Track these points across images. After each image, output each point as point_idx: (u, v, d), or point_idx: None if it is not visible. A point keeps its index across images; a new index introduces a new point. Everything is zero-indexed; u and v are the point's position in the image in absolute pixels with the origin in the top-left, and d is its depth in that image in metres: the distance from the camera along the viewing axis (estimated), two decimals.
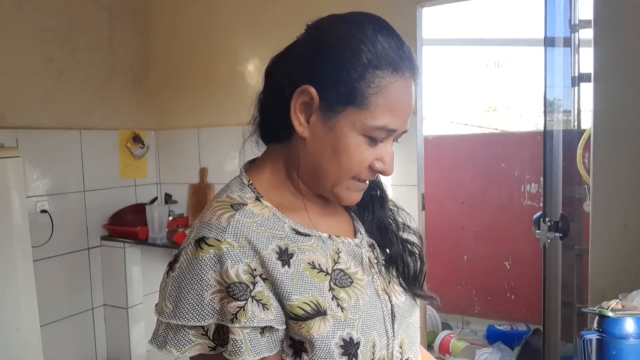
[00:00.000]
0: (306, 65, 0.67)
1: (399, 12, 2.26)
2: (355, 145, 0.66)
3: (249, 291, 0.61)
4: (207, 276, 0.61)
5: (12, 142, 2.31)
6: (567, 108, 2.08)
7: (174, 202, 2.96)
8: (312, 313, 0.64)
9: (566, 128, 2.04)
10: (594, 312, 1.00)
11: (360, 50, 0.64)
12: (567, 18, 2.01)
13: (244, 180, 0.73)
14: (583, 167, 1.97)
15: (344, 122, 0.66)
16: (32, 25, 2.45)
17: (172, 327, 0.63)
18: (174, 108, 3.08)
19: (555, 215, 1.80)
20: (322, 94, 0.65)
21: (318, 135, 0.67)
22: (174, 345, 0.62)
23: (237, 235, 0.64)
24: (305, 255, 0.67)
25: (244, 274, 0.62)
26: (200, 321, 0.61)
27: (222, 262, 0.61)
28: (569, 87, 2.09)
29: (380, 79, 0.65)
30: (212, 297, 0.61)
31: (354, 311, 0.67)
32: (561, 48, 2.00)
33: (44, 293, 2.25)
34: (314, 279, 0.66)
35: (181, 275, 0.63)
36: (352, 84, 0.64)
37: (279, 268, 0.64)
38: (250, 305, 0.61)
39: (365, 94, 0.64)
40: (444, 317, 3.34)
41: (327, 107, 0.66)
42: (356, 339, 0.66)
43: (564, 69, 2.04)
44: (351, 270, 0.71)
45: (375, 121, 0.65)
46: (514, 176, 3.28)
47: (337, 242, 0.72)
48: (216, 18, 2.87)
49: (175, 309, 0.62)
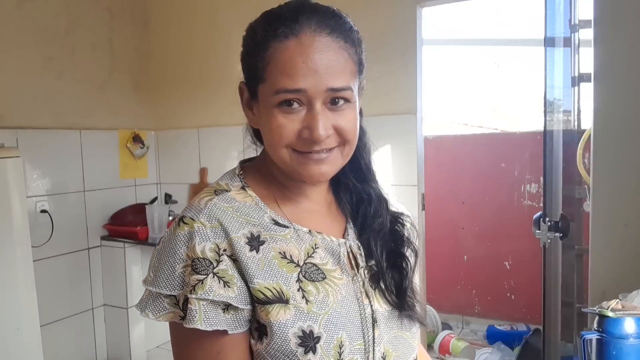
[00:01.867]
0: (242, 63, 0.75)
1: (399, 12, 2.26)
2: (271, 118, 0.69)
3: (211, 267, 0.66)
4: (180, 250, 0.67)
5: (12, 142, 2.32)
6: (567, 108, 2.08)
7: (174, 202, 2.96)
8: (273, 299, 0.67)
9: (566, 128, 2.04)
10: (594, 312, 1.00)
11: (254, 34, 0.71)
12: (567, 18, 2.01)
13: (235, 171, 0.78)
14: (583, 167, 1.97)
15: (261, 101, 0.71)
16: (32, 25, 2.45)
17: (152, 295, 0.69)
18: (173, 108, 3.08)
19: (555, 215, 1.80)
20: (248, 85, 0.73)
21: (259, 122, 0.73)
22: (152, 310, 0.68)
23: (210, 217, 0.68)
24: (277, 245, 0.70)
25: (209, 252, 0.66)
26: (171, 291, 0.67)
27: (192, 239, 0.67)
28: (569, 87, 2.09)
29: (265, 50, 0.69)
30: (182, 270, 0.66)
31: (320, 306, 0.69)
32: (561, 48, 2.00)
33: (44, 293, 2.25)
34: (282, 267, 0.69)
35: (161, 248, 0.70)
36: (252, 65, 0.71)
37: (246, 252, 0.68)
38: (209, 280, 0.65)
39: (261, 68, 0.69)
40: (444, 317, 3.34)
41: (252, 94, 0.73)
42: (317, 333, 0.67)
43: (564, 69, 2.04)
44: (327, 267, 0.73)
45: (272, 88, 0.68)
46: (514, 176, 3.28)
47: (316, 238, 0.74)
48: (216, 18, 2.87)
49: (154, 278, 0.68)
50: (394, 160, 2.35)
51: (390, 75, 2.28)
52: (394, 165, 2.35)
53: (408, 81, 2.27)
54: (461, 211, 3.40)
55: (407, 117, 2.29)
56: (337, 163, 0.73)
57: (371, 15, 2.33)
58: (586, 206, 1.89)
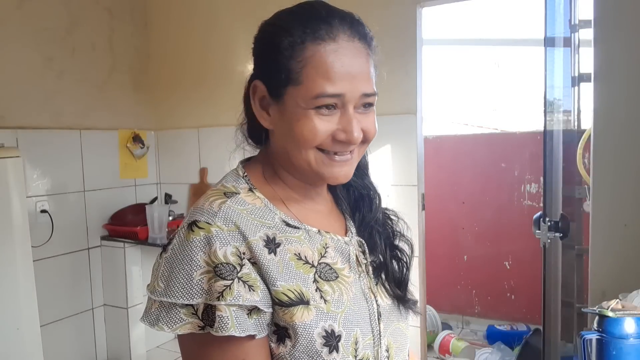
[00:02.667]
0: (254, 64, 0.74)
1: (399, 12, 2.26)
2: (304, 120, 0.68)
3: (235, 272, 0.64)
4: (197, 257, 0.64)
5: (12, 142, 2.32)
6: (567, 108, 2.08)
7: (174, 202, 2.96)
8: (296, 301, 0.66)
9: (566, 128, 2.04)
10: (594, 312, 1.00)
11: (285, 33, 0.68)
12: (567, 18, 2.01)
13: (239, 173, 0.77)
14: (583, 167, 1.97)
15: (289, 103, 0.69)
16: (32, 25, 2.45)
17: (164, 306, 0.65)
18: (173, 108, 3.08)
19: (555, 215, 1.80)
20: (268, 85, 0.71)
21: (279, 123, 0.72)
22: (166, 322, 0.64)
23: (227, 220, 0.67)
24: (292, 246, 0.70)
25: (231, 256, 0.64)
26: (189, 300, 0.64)
27: (210, 244, 0.64)
28: (569, 87, 2.09)
29: (306, 50, 0.67)
30: (200, 277, 0.64)
31: (337, 305, 0.70)
32: (561, 48, 2.00)
33: (44, 293, 2.25)
34: (299, 269, 0.69)
35: (173, 256, 0.66)
36: (284, 66, 0.68)
37: (265, 255, 0.67)
38: (236, 285, 0.63)
39: (296, 70, 0.68)
40: (444, 317, 3.34)
41: (275, 95, 0.71)
42: (337, 332, 0.68)
43: (564, 69, 2.04)
44: (338, 266, 0.74)
45: (311, 92, 0.67)
46: (514, 176, 3.28)
47: (326, 238, 0.75)
48: (216, 18, 2.87)
49: (166, 288, 0.65)
50: (394, 160, 2.35)
51: (390, 75, 2.28)
52: (394, 165, 2.35)
53: (408, 81, 2.27)
54: (461, 211, 3.40)
55: (407, 117, 2.29)
56: (355, 163, 0.75)
57: (371, 15, 2.32)
58: (586, 206, 1.89)
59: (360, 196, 0.84)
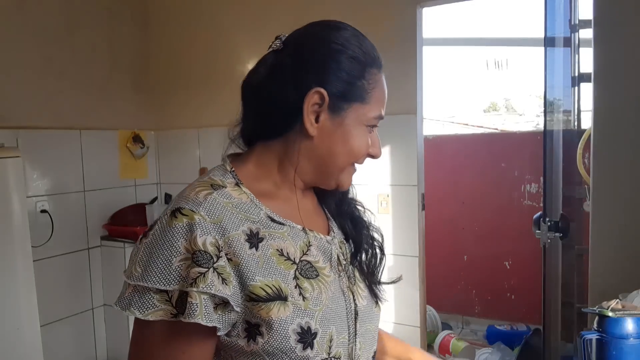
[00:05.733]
0: (313, 71, 0.74)
1: (399, 12, 2.26)
2: (360, 135, 0.76)
3: (212, 262, 0.64)
4: (178, 243, 0.64)
5: (12, 142, 2.31)
6: (567, 108, 2.08)
7: None
8: (273, 296, 0.67)
9: (566, 128, 2.04)
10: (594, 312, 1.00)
11: (358, 54, 0.75)
12: (567, 18, 2.01)
13: (226, 167, 0.78)
14: (583, 167, 1.97)
15: (351, 116, 0.75)
16: (32, 25, 2.45)
17: (138, 290, 0.65)
18: (173, 108, 3.08)
19: (555, 215, 1.80)
20: (331, 95, 0.73)
21: (327, 131, 0.75)
22: (138, 307, 0.64)
23: (211, 211, 0.67)
24: (275, 242, 0.71)
25: (210, 245, 0.65)
26: (166, 285, 0.63)
27: (192, 231, 0.65)
28: (569, 87, 2.09)
29: (374, 75, 0.76)
30: (179, 264, 0.64)
31: (315, 302, 0.71)
32: (561, 48, 2.00)
33: (44, 293, 2.25)
34: (280, 265, 0.70)
35: (153, 241, 0.66)
36: (356, 82, 0.74)
37: (246, 249, 0.68)
38: (210, 274, 0.63)
39: (367, 90, 0.75)
40: (444, 317, 3.35)
41: (335, 105, 0.74)
42: (314, 329, 0.69)
43: (564, 69, 2.04)
44: (319, 265, 0.75)
45: (374, 112, 0.76)
46: (514, 176, 3.28)
47: (310, 236, 0.76)
48: (216, 18, 2.87)
49: (143, 273, 0.64)
50: (394, 160, 2.35)
51: (390, 75, 2.27)
52: (394, 165, 2.35)
53: (408, 81, 2.27)
54: (461, 211, 3.40)
55: (407, 117, 2.29)
56: None
57: (371, 15, 2.33)
58: (586, 206, 1.89)
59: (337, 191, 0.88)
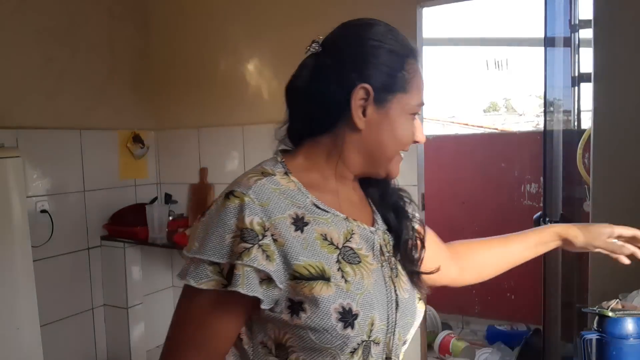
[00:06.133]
0: (355, 68, 0.78)
1: (399, 12, 2.26)
2: (406, 123, 0.81)
3: (257, 239, 0.70)
4: (230, 222, 0.71)
5: (12, 142, 2.31)
6: (567, 108, 2.08)
7: (174, 202, 2.96)
8: (316, 276, 0.72)
9: (566, 128, 2.04)
10: (594, 312, 1.00)
11: (395, 47, 0.80)
12: (567, 18, 2.01)
13: (277, 159, 0.83)
14: (583, 167, 1.97)
15: (395, 106, 0.79)
16: (32, 25, 2.45)
17: (194, 262, 0.72)
18: (174, 108, 3.08)
19: (555, 215, 1.80)
20: (375, 88, 0.78)
21: (374, 123, 0.79)
22: (193, 277, 0.70)
23: (259, 195, 0.73)
24: (319, 227, 0.76)
25: (256, 225, 0.71)
26: (219, 259, 0.70)
27: (242, 211, 0.71)
28: (569, 87, 2.09)
29: (411, 65, 0.80)
30: (231, 240, 0.70)
31: (357, 286, 0.74)
32: (561, 48, 2.00)
33: (44, 293, 2.25)
34: (324, 249, 0.75)
35: (209, 220, 0.73)
36: (397, 74, 0.79)
37: (291, 232, 0.73)
38: (255, 250, 0.69)
39: (407, 80, 0.79)
40: (444, 317, 3.34)
41: (380, 98, 0.78)
42: (355, 310, 0.73)
43: (564, 69, 2.04)
44: (362, 252, 0.79)
45: (416, 100, 0.81)
46: (514, 176, 3.28)
47: (353, 225, 0.80)
48: (216, 18, 2.87)
49: (200, 247, 0.71)
50: None
51: None
52: None
53: None
54: (461, 211, 3.40)
55: None
56: None
57: (371, 15, 2.32)
58: (586, 206, 1.89)
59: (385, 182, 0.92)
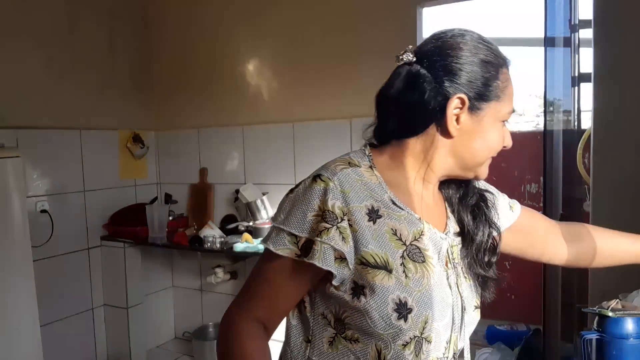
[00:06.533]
0: (452, 78, 0.81)
1: (399, 12, 2.26)
2: (496, 130, 0.85)
3: (336, 221, 0.77)
4: (314, 202, 0.78)
5: (12, 142, 2.32)
6: (567, 108, 2.08)
7: (174, 202, 2.96)
8: (380, 265, 0.77)
9: (566, 128, 2.03)
10: (594, 312, 1.00)
11: (489, 57, 0.83)
12: (567, 18, 2.01)
13: (365, 152, 0.88)
14: (583, 167, 1.96)
15: (489, 114, 0.83)
16: (32, 25, 2.45)
17: (276, 230, 0.80)
18: (173, 108, 3.08)
19: (555, 215, 1.80)
20: (470, 98, 0.81)
21: (467, 130, 0.83)
22: (272, 243, 0.79)
23: (342, 182, 0.80)
24: (391, 222, 0.81)
25: (337, 209, 0.78)
26: (299, 232, 0.78)
27: (326, 194, 0.78)
28: (569, 87, 2.09)
29: (504, 74, 0.84)
30: (312, 218, 0.78)
31: (416, 284, 0.79)
32: (561, 48, 2.00)
33: (44, 293, 2.25)
34: (391, 242, 0.80)
35: (296, 197, 0.81)
36: (491, 84, 0.82)
37: (365, 221, 0.79)
38: (333, 231, 0.77)
39: (500, 89, 0.83)
40: None
41: (474, 106, 0.82)
42: (410, 305, 0.78)
43: (564, 69, 2.04)
44: (428, 253, 0.83)
45: (507, 108, 0.85)
46: (514, 176, 3.27)
47: (425, 227, 0.84)
48: (216, 18, 2.87)
49: (284, 219, 0.80)
50: None
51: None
52: None
53: None
54: None
55: None
56: None
57: (371, 15, 2.32)
58: (586, 206, 1.89)
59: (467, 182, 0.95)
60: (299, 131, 2.61)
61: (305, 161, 2.58)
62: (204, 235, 2.59)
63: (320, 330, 0.84)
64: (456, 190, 0.94)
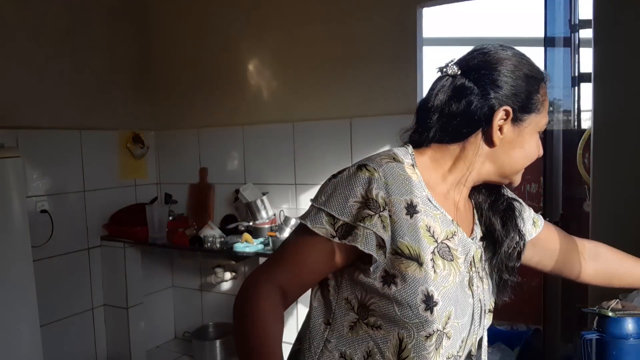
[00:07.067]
0: (497, 91, 0.86)
1: (399, 12, 2.26)
2: (535, 140, 0.90)
3: (379, 210, 0.81)
4: (357, 189, 0.82)
5: (12, 142, 2.32)
6: (567, 108, 2.08)
7: (174, 202, 2.96)
8: (414, 257, 0.81)
9: (566, 128, 2.04)
10: (594, 312, 1.00)
11: (532, 72, 0.88)
12: (567, 18, 2.01)
13: (408, 150, 0.92)
14: (583, 167, 1.97)
15: (529, 126, 0.88)
16: (32, 25, 2.45)
17: (316, 210, 0.83)
18: (173, 108, 3.08)
19: (556, 215, 1.80)
20: (514, 110, 0.86)
21: (508, 140, 0.88)
22: (310, 220, 0.82)
23: (387, 175, 0.83)
24: (426, 218, 0.85)
25: (380, 199, 0.81)
26: (338, 215, 0.81)
27: (370, 183, 0.82)
28: (569, 87, 2.09)
29: (543, 88, 0.89)
30: (352, 204, 0.81)
31: (442, 280, 0.83)
32: (561, 48, 2.00)
33: (44, 293, 2.25)
34: (425, 238, 0.83)
35: (340, 182, 0.84)
36: (533, 97, 0.87)
37: (403, 214, 0.82)
38: (376, 218, 0.80)
39: (540, 102, 0.88)
40: None
41: (517, 118, 0.87)
42: (436, 298, 0.81)
43: (564, 69, 2.04)
44: (456, 253, 0.87)
45: (545, 119, 0.90)
46: None
47: (457, 229, 0.89)
48: (216, 18, 2.87)
49: (326, 201, 0.83)
50: None
51: (390, 75, 2.28)
52: None
53: (408, 81, 2.26)
54: None
55: (407, 117, 2.28)
56: None
57: (371, 15, 2.32)
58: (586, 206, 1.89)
59: (493, 187, 0.99)
60: (299, 131, 2.61)
61: (305, 161, 2.58)
62: (204, 235, 2.59)
63: (342, 314, 0.87)
64: (487, 196, 0.98)
